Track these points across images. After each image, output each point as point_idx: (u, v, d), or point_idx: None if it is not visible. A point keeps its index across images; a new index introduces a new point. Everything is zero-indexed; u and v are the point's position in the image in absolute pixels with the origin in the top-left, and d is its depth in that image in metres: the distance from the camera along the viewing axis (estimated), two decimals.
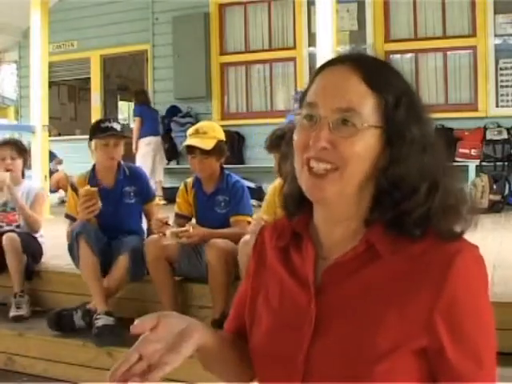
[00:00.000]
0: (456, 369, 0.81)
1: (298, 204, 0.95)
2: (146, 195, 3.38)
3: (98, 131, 3.19)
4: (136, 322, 0.84)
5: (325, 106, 0.86)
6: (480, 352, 0.82)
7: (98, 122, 3.31)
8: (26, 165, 3.73)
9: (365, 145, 0.85)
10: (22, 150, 3.64)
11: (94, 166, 3.34)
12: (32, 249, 3.50)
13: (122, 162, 3.33)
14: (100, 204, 3.02)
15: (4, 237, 3.38)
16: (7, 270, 3.45)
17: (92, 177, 3.29)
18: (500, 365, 0.85)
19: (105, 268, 3.09)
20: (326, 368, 0.84)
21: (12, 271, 3.35)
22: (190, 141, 2.96)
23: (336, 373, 0.82)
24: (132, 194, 3.30)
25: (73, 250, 3.06)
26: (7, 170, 3.54)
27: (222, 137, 3.02)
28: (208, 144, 2.91)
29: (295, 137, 0.90)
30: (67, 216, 3.30)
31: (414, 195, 0.85)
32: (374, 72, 0.88)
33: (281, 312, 0.92)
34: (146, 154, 7.47)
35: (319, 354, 0.85)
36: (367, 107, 0.85)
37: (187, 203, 3.12)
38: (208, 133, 2.95)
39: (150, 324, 0.84)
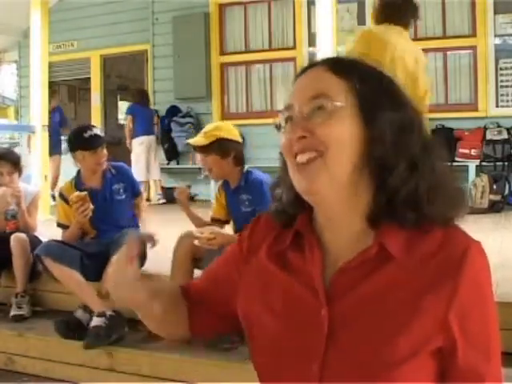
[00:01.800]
0: (467, 363, 0.82)
1: (295, 206, 0.95)
2: (134, 190, 3.45)
3: (84, 142, 3.22)
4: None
5: (298, 102, 0.89)
6: (489, 344, 0.83)
7: (80, 133, 3.28)
8: (21, 175, 3.72)
9: (342, 126, 0.86)
10: (17, 163, 3.62)
11: (79, 171, 3.38)
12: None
13: (107, 162, 3.36)
14: (92, 206, 3.08)
15: (12, 237, 3.38)
16: (7, 270, 3.46)
17: (78, 182, 3.33)
18: (505, 365, 0.85)
19: (100, 269, 3.09)
20: (342, 373, 0.83)
21: (17, 271, 3.35)
22: (189, 139, 3.03)
23: (354, 378, 0.82)
24: (121, 190, 3.35)
25: (48, 270, 3.06)
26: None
27: (227, 135, 2.98)
28: (202, 141, 2.91)
29: (282, 141, 0.92)
30: (59, 225, 3.33)
31: (392, 174, 0.86)
32: (338, 61, 0.93)
33: (287, 317, 0.91)
34: (140, 154, 7.50)
35: (335, 359, 0.84)
36: (338, 90, 0.88)
37: (221, 207, 3.13)
38: (208, 132, 2.96)
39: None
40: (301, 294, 0.90)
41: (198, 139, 2.94)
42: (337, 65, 0.91)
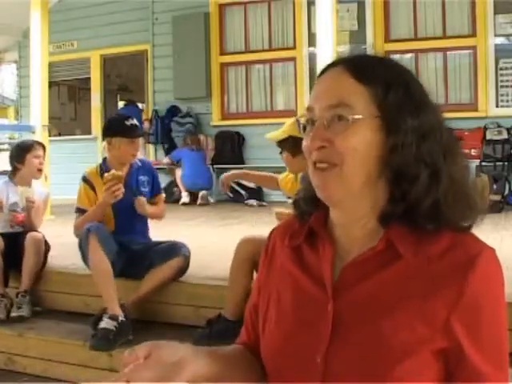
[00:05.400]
0: (476, 370, 0.82)
1: (310, 203, 0.96)
2: (156, 187, 3.42)
3: (126, 129, 3.20)
4: (127, 352, 0.83)
5: (319, 107, 0.89)
6: (500, 351, 0.84)
7: (122, 120, 3.29)
8: None
9: (360, 138, 0.85)
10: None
11: (104, 159, 3.34)
12: (47, 251, 3.53)
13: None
14: (123, 189, 3.05)
15: (28, 235, 3.40)
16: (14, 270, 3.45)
17: (104, 169, 3.23)
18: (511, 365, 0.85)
19: (121, 267, 3.08)
20: (345, 369, 0.84)
21: (26, 270, 3.32)
22: (268, 134, 2.93)
23: (356, 373, 0.82)
24: (146, 183, 3.34)
25: (83, 248, 3.01)
26: (39, 170, 3.75)
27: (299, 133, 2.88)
28: (275, 136, 2.82)
29: (303, 143, 0.92)
30: (79, 210, 3.25)
31: (414, 184, 0.85)
32: (362, 65, 0.90)
33: (296, 312, 0.92)
34: None
35: (338, 354, 0.85)
36: (360, 100, 0.86)
37: None
38: (285, 127, 2.82)
39: (142, 353, 0.83)
40: (310, 289, 0.91)
41: (274, 133, 2.85)
42: (360, 69, 0.88)
